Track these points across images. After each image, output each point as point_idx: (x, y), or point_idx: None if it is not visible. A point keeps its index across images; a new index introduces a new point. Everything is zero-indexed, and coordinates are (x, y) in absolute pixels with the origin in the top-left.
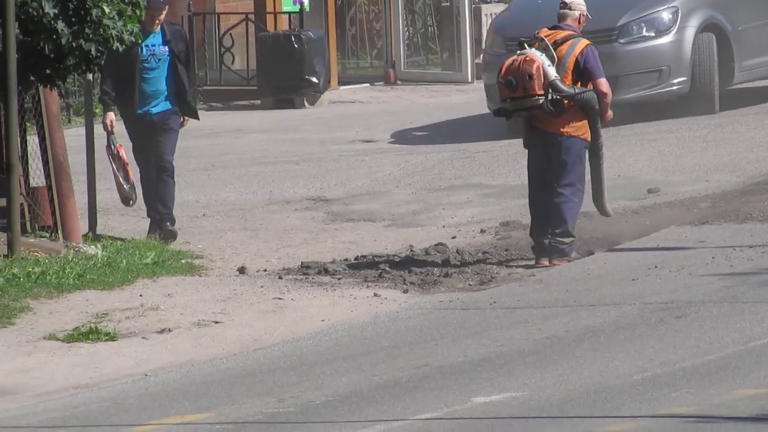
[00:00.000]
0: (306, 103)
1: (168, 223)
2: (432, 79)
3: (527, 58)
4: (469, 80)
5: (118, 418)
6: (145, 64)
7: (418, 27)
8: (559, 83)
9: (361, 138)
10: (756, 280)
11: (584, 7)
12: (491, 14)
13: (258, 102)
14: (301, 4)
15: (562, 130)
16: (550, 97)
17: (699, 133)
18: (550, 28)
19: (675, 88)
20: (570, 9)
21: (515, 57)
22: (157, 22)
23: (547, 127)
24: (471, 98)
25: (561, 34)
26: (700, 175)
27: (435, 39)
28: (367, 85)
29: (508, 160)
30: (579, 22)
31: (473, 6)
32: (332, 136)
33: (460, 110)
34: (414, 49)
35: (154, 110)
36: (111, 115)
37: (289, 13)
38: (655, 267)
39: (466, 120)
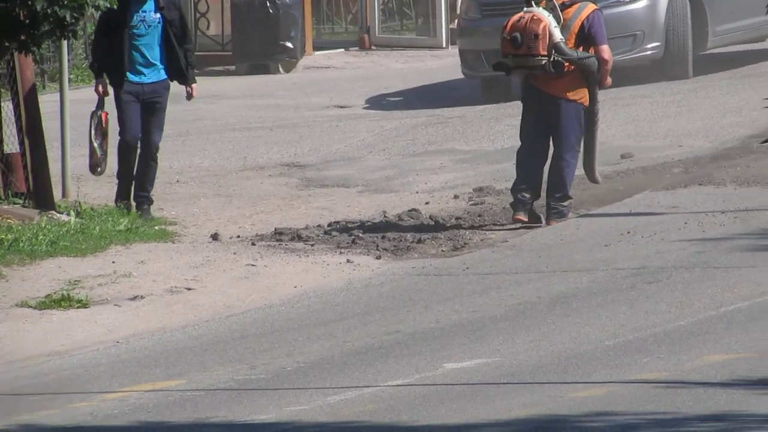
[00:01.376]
0: (281, 68)
1: (146, 206)
2: (406, 44)
3: (534, 17)
4: (444, 46)
5: (89, 385)
6: (135, 31)
7: None
8: (563, 46)
9: (335, 104)
10: (728, 246)
11: None
12: None
13: (233, 68)
14: None
15: (561, 93)
16: (552, 58)
17: (672, 98)
18: None
19: (649, 53)
20: None
21: (522, 14)
22: None
23: (546, 88)
24: (445, 64)
25: None
26: (674, 141)
27: (410, 4)
28: (342, 50)
29: (482, 126)
30: None
31: None
32: (306, 101)
33: (435, 76)
34: (389, 15)
35: (147, 80)
36: (103, 82)
37: None
38: (628, 233)
39: (440, 85)
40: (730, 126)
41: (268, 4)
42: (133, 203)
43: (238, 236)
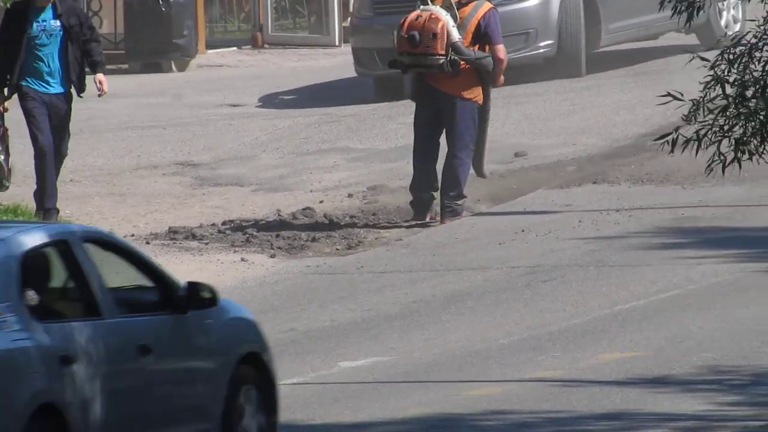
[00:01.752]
0: (174, 67)
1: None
2: (300, 42)
3: (433, 16)
4: (337, 44)
5: None
6: (37, 41)
7: None
8: (461, 45)
9: (228, 102)
10: (622, 244)
11: None
12: None
13: (126, 66)
14: None
15: (457, 92)
16: (450, 57)
17: (566, 96)
18: None
19: (542, 51)
20: None
21: (419, 12)
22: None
23: (441, 87)
24: (338, 62)
25: None
26: (567, 139)
27: (303, 2)
28: (235, 48)
29: (375, 124)
30: None
31: None
32: (200, 100)
33: (328, 74)
34: (282, 13)
35: (52, 90)
36: (1, 95)
37: None
38: (522, 231)
39: (333, 84)
40: (623, 124)
41: (161, 3)
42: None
43: (133, 235)
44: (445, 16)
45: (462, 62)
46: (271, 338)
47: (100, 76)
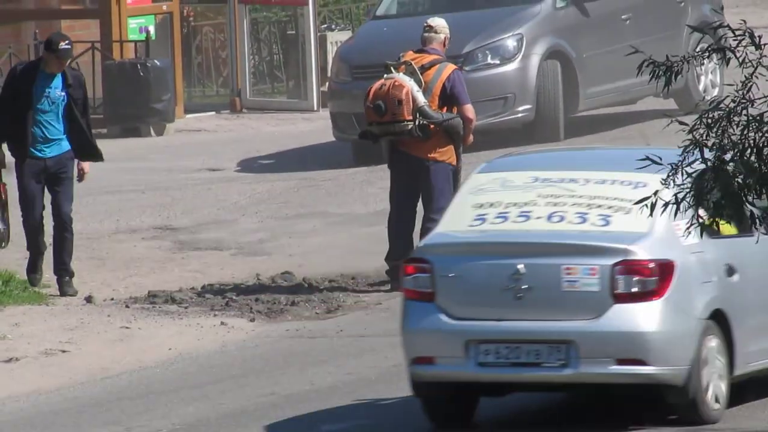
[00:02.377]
0: (152, 131)
1: (67, 278)
2: (278, 107)
3: (396, 83)
4: (315, 108)
5: None
6: (39, 106)
7: (264, 55)
8: (427, 109)
9: (207, 166)
10: None
11: (448, 30)
12: (337, 42)
13: (104, 131)
14: (147, 32)
15: (429, 155)
16: (418, 122)
17: None
18: (416, 51)
19: (520, 115)
20: (435, 32)
21: (383, 81)
22: (62, 67)
23: (413, 151)
24: (317, 126)
25: (427, 58)
26: None
27: (281, 67)
28: (213, 113)
29: (354, 188)
30: (444, 45)
31: (318, 34)
32: (179, 164)
33: (306, 138)
34: (260, 77)
35: (49, 155)
36: (0, 153)
37: (135, 41)
38: None
39: (312, 148)
40: None
41: (139, 67)
42: (54, 276)
43: (112, 299)
44: (408, 82)
45: (431, 125)
46: (251, 402)
47: (85, 165)
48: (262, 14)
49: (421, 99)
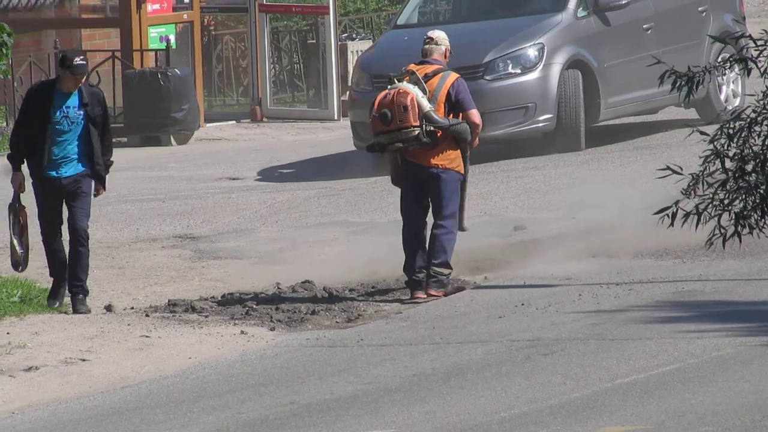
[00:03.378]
0: (173, 140)
1: (81, 296)
2: (298, 116)
3: (401, 90)
4: (336, 118)
5: None
6: (58, 126)
7: (284, 64)
8: (433, 114)
9: (227, 175)
10: (622, 318)
11: (448, 42)
12: (357, 51)
13: (125, 140)
14: (168, 41)
15: (437, 163)
16: (424, 128)
17: (565, 170)
18: (418, 63)
19: (541, 125)
20: (436, 44)
21: (387, 91)
22: (78, 84)
23: (421, 161)
24: (337, 135)
25: (430, 68)
26: (567, 212)
27: (301, 76)
28: (234, 122)
29: (374, 198)
30: (445, 57)
31: (339, 43)
32: (199, 173)
33: (326, 147)
34: (280, 86)
35: (65, 174)
36: (20, 176)
37: (156, 50)
38: (522, 304)
39: (332, 157)
40: (623, 198)
41: (160, 77)
42: (68, 294)
43: (132, 308)
44: (412, 89)
45: (438, 132)
46: (271, 411)
47: (99, 187)
48: (283, 23)
49: (427, 105)
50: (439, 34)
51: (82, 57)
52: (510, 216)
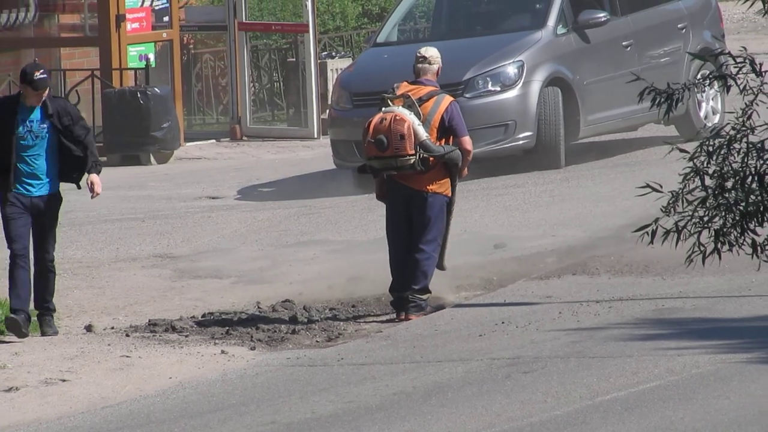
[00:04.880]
0: (152, 159)
1: (48, 317)
2: (278, 134)
3: (398, 117)
4: (315, 136)
5: None
6: (22, 142)
7: (264, 83)
8: (430, 143)
9: (207, 194)
10: (603, 335)
11: (440, 60)
12: (337, 69)
13: (104, 159)
14: (147, 60)
15: (427, 187)
16: (419, 156)
17: (545, 187)
18: (411, 83)
19: (521, 142)
20: (429, 63)
21: (383, 115)
22: (40, 98)
23: (411, 184)
24: (317, 154)
25: (424, 90)
26: (547, 230)
27: (281, 94)
28: (213, 141)
29: (355, 216)
30: (437, 75)
31: (319, 61)
32: (178, 192)
33: (306, 166)
34: (260, 105)
35: (35, 193)
36: None
37: (135, 69)
38: (503, 322)
39: (312, 176)
40: (602, 215)
41: (139, 95)
42: (35, 314)
43: (112, 327)
44: (409, 116)
45: (431, 158)
46: (252, 431)
47: (93, 177)
48: (263, 41)
49: (423, 133)
50: (432, 53)
51: (42, 71)
52: (490, 234)
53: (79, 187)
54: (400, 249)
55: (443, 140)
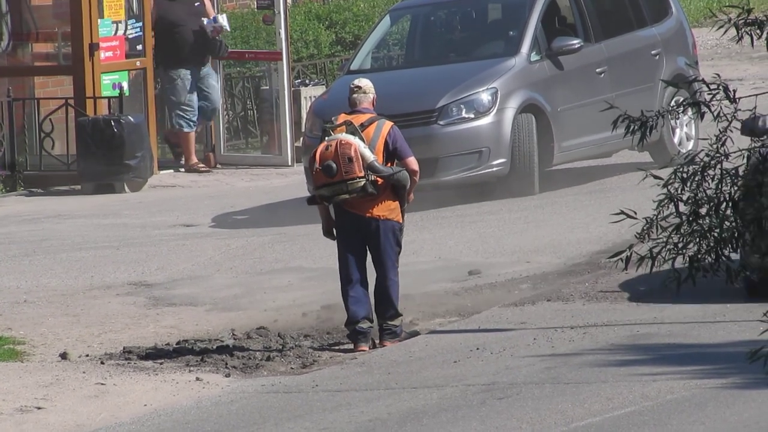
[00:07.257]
0: (126, 187)
1: None
2: (252, 162)
3: (343, 141)
4: (289, 163)
5: None
6: None
7: (238, 110)
8: (377, 164)
9: (181, 222)
10: (577, 361)
11: (374, 90)
12: (311, 97)
13: (78, 187)
14: (121, 88)
15: (377, 214)
16: (369, 178)
17: (519, 214)
18: (348, 113)
19: (495, 169)
20: (365, 92)
21: (326, 143)
22: None
23: (361, 211)
24: (291, 181)
25: (363, 117)
26: (521, 257)
27: (255, 122)
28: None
29: (329, 243)
30: (372, 105)
31: (292, 89)
32: (153, 220)
33: (280, 193)
34: (234, 133)
35: None
36: None
37: (109, 97)
38: (477, 349)
39: (286, 203)
40: (577, 242)
41: (113, 124)
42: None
43: (87, 355)
44: (354, 140)
45: (379, 180)
46: None
47: None
48: (236, 69)
49: (370, 155)
50: (366, 83)
51: None
52: (464, 261)
53: None
54: (352, 280)
55: (389, 164)
